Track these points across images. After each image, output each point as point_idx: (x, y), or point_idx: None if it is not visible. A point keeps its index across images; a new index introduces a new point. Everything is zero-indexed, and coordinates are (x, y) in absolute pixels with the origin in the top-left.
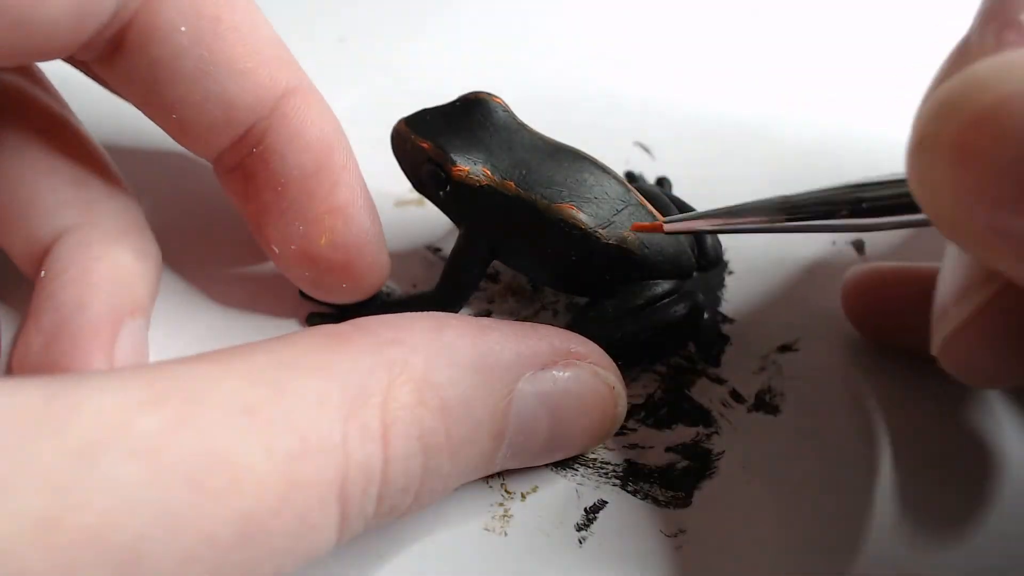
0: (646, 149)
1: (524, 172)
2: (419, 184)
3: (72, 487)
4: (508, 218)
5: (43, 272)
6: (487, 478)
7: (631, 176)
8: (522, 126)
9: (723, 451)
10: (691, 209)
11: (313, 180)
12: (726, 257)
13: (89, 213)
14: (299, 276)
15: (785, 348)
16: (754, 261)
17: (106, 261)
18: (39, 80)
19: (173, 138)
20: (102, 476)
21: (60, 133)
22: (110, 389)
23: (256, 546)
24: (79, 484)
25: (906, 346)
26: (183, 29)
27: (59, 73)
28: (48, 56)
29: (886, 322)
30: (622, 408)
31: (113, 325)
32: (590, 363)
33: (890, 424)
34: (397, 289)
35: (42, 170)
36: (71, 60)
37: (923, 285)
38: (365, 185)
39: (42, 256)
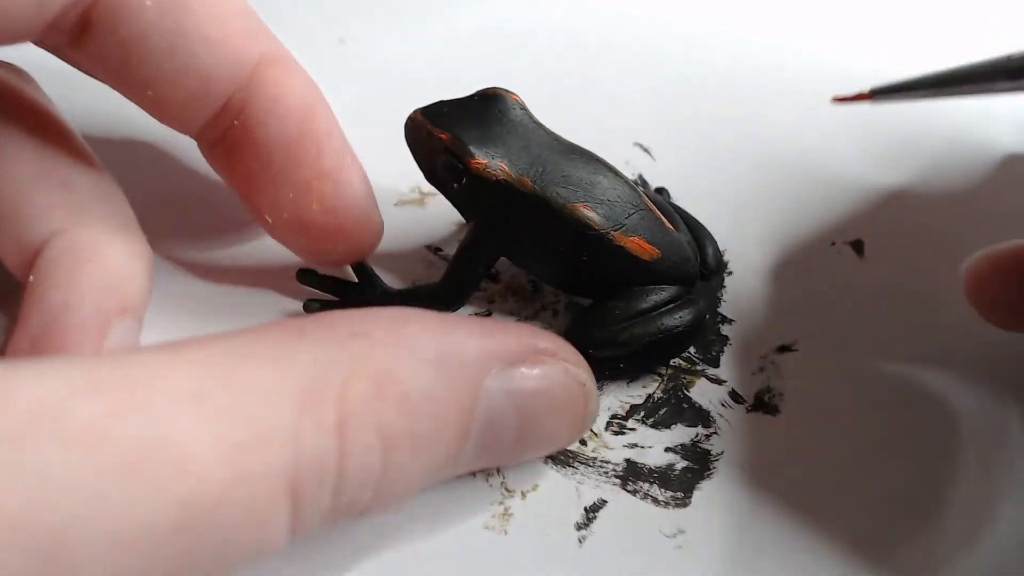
0: (646, 149)
1: (540, 170)
2: (433, 175)
3: None
4: (521, 215)
5: (31, 276)
6: (487, 476)
7: (636, 182)
8: (538, 124)
9: (722, 451)
10: (693, 218)
11: (298, 147)
12: (725, 259)
13: (79, 215)
14: (294, 243)
15: (784, 348)
16: (754, 261)
17: (95, 263)
18: (23, 75)
19: (153, 116)
20: (29, 462)
21: (48, 133)
22: (49, 375)
23: (198, 536)
24: (3, 470)
25: None
26: (148, 3)
27: (33, 60)
28: (12, 38)
29: (1009, 308)
30: (594, 406)
31: (101, 326)
32: (560, 360)
33: (889, 424)
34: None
35: (30, 173)
36: (42, 45)
37: None
38: (351, 148)
39: (32, 260)
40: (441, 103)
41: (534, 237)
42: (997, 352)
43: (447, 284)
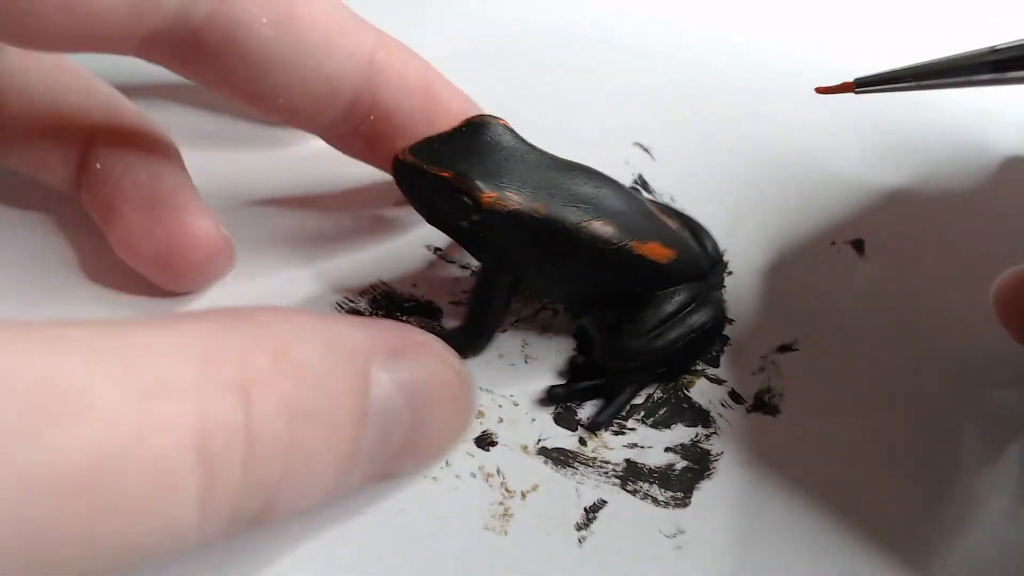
0: (646, 149)
1: (548, 193)
2: (435, 216)
3: None
4: (536, 242)
5: (97, 164)
6: (487, 477)
7: (635, 183)
8: (531, 147)
9: (722, 451)
10: (681, 212)
11: (430, 113)
12: (725, 258)
13: (109, 110)
14: None
15: (784, 348)
16: (754, 261)
17: (148, 142)
18: None
19: (281, 122)
20: None
21: (55, 62)
22: None
23: (106, 490)
24: None
25: None
26: (264, 20)
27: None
28: (104, 46)
29: None
30: (474, 395)
31: (191, 187)
32: (435, 351)
33: (889, 424)
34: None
35: (54, 88)
36: (155, 61)
37: None
38: (455, 86)
39: (79, 158)
40: (428, 140)
41: (551, 261)
42: (996, 352)
43: (472, 325)
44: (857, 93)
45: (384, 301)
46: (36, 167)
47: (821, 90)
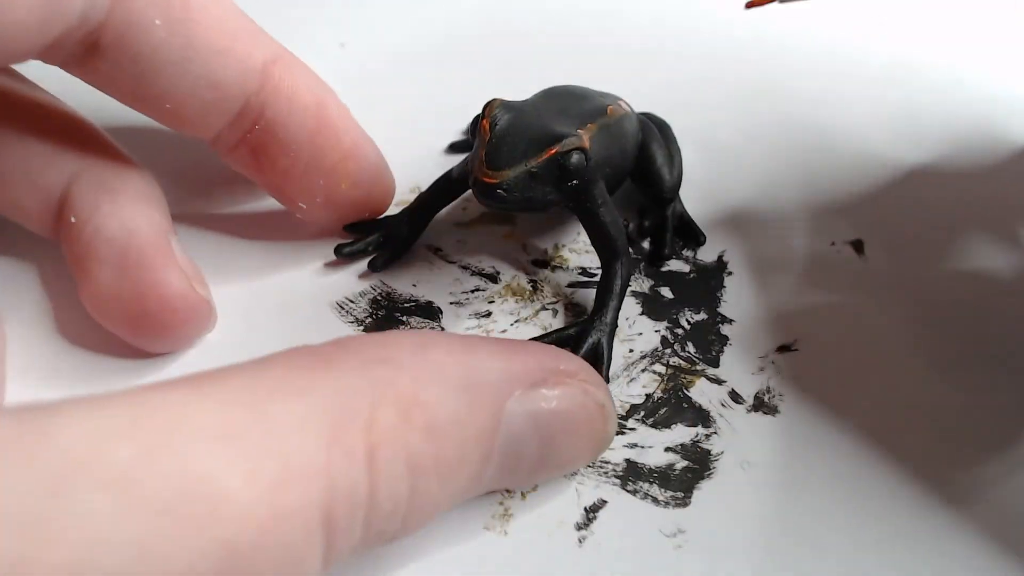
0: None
1: (579, 113)
2: (535, 202)
3: (42, 522)
4: (604, 150)
5: (72, 217)
6: None
7: None
8: (531, 100)
9: (722, 451)
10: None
11: (319, 136)
12: (725, 258)
13: (87, 156)
14: (325, 220)
15: (784, 348)
16: (754, 261)
17: (128, 192)
18: (13, 72)
19: (167, 126)
20: (73, 509)
21: (36, 99)
22: (80, 418)
23: None
24: (49, 519)
25: None
26: (158, 22)
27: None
28: (14, 59)
29: None
30: (612, 427)
31: (167, 242)
32: (580, 381)
33: (888, 424)
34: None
35: (32, 131)
36: (48, 62)
37: None
38: (356, 121)
39: (57, 208)
40: (493, 144)
41: (610, 158)
42: (996, 352)
43: (620, 241)
44: (782, 3)
45: (384, 301)
46: (16, 214)
47: (750, 5)
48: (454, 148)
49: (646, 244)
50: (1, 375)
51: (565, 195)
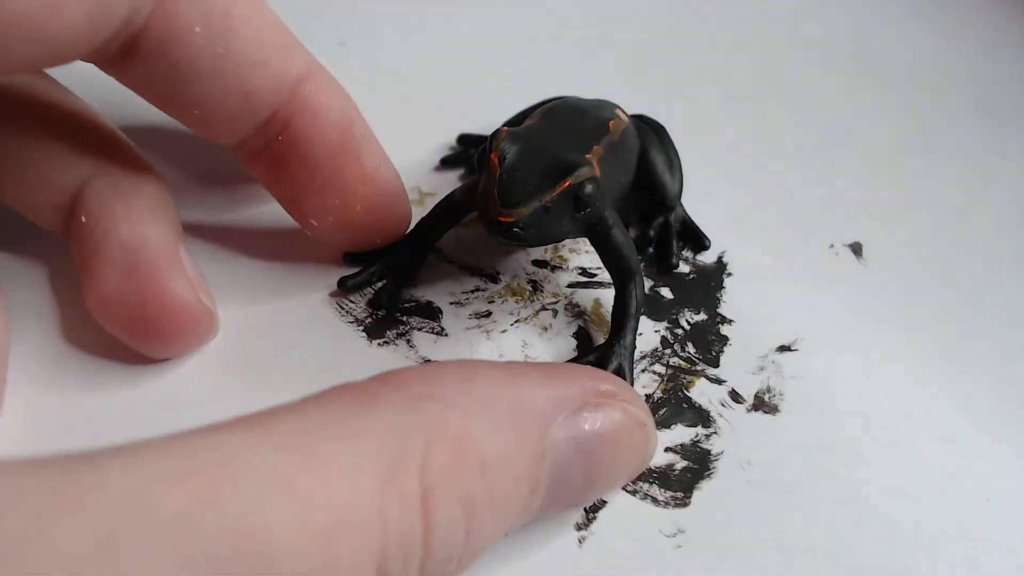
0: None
1: (581, 134)
2: (552, 234)
3: None
4: (612, 171)
5: (83, 216)
6: None
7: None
8: (535, 126)
9: (722, 451)
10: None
11: (341, 156)
12: (724, 259)
13: (104, 158)
14: (335, 240)
15: (784, 348)
16: (754, 261)
17: (141, 197)
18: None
19: (193, 130)
20: (126, 564)
21: (56, 97)
22: (131, 466)
23: None
24: (102, 575)
25: None
26: (198, 30)
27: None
28: (61, 63)
29: None
30: (653, 445)
31: (175, 250)
32: (620, 400)
33: (888, 424)
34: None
35: (51, 129)
36: (85, 60)
37: None
38: (381, 145)
39: (69, 206)
40: (506, 179)
41: (615, 175)
42: (996, 351)
43: (636, 261)
44: None
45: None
46: (27, 209)
47: None
48: (446, 163)
49: (650, 249)
50: (3, 371)
51: (579, 224)
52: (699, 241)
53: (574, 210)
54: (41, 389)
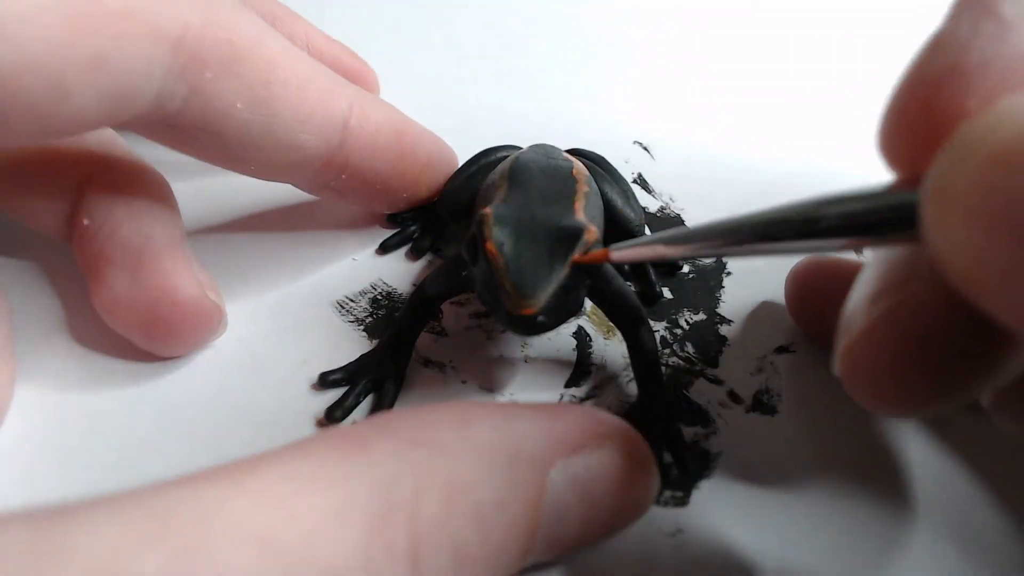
0: (646, 148)
1: (560, 205)
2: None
3: None
4: (596, 222)
5: (85, 220)
6: None
7: (635, 180)
8: (514, 197)
9: (721, 451)
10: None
11: (400, 163)
12: (724, 260)
13: (103, 159)
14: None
15: (782, 349)
16: (751, 262)
17: (141, 196)
18: None
19: (252, 177)
20: None
21: None
22: (104, 522)
23: None
24: None
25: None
26: (239, 106)
27: None
28: (81, 134)
29: (820, 321)
30: (655, 485)
31: (180, 248)
32: (620, 440)
33: (887, 424)
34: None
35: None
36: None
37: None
38: (422, 127)
39: (69, 209)
40: (519, 271)
41: (600, 227)
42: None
43: (639, 306)
44: (612, 261)
45: (384, 301)
46: (27, 216)
47: (578, 260)
48: (386, 248)
49: (628, 283)
50: (11, 370)
51: (588, 288)
52: (672, 263)
53: (586, 277)
54: (49, 387)
